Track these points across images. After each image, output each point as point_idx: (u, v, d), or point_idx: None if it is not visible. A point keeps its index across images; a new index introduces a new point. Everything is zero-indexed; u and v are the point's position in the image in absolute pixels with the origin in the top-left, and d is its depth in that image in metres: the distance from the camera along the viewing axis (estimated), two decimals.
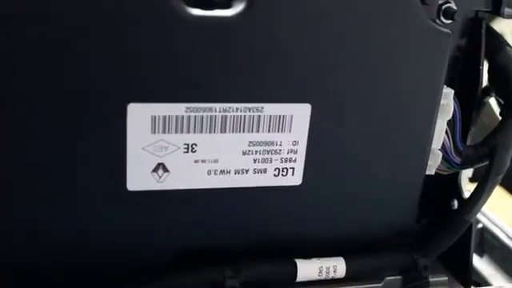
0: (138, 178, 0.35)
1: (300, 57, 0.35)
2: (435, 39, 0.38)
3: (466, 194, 0.44)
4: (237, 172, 0.37)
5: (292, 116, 0.37)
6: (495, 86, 0.44)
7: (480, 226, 0.50)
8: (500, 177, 0.42)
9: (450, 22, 0.40)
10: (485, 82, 0.44)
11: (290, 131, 0.37)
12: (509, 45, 0.43)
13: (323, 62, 0.36)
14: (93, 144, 0.34)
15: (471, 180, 0.46)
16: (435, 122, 0.40)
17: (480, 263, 0.48)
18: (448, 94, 0.40)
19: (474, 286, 0.46)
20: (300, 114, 0.37)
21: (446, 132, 0.42)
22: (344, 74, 0.37)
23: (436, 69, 0.39)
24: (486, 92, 0.44)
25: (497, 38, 0.43)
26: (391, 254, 0.41)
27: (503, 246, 0.47)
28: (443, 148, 0.42)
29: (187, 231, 0.38)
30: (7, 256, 0.35)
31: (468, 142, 0.43)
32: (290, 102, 0.36)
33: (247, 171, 0.37)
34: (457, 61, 0.42)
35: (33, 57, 0.31)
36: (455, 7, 0.40)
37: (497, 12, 0.42)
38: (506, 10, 0.42)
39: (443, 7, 0.40)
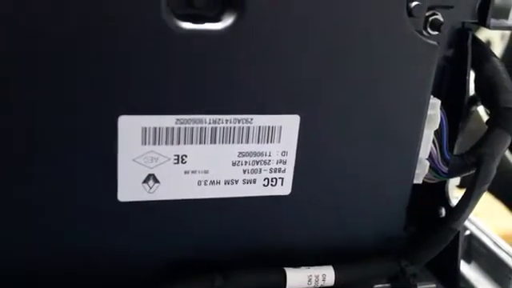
0: (129, 188, 0.36)
1: (288, 69, 0.36)
2: (422, 51, 0.38)
3: (454, 201, 0.45)
4: (227, 182, 0.38)
5: (281, 127, 0.37)
6: (482, 96, 0.44)
7: (467, 232, 0.50)
8: (486, 185, 0.42)
9: (436, 33, 0.41)
10: (472, 91, 0.45)
11: (279, 142, 0.37)
12: (495, 55, 0.44)
13: (312, 74, 0.36)
14: (83, 156, 0.34)
15: (459, 186, 0.47)
16: (422, 132, 0.41)
17: (468, 270, 0.49)
18: (435, 104, 0.41)
19: None
20: (289, 125, 0.37)
21: (433, 141, 0.42)
22: (332, 85, 0.37)
23: (423, 80, 0.39)
24: (473, 101, 0.45)
25: (483, 49, 0.44)
26: (380, 262, 0.42)
27: (490, 252, 0.48)
28: (430, 157, 0.42)
29: (178, 241, 0.38)
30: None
31: (455, 151, 0.44)
32: (279, 113, 0.37)
33: (237, 181, 0.38)
34: (444, 71, 0.42)
35: (21, 68, 0.32)
36: (442, 19, 0.40)
37: (483, 23, 0.43)
38: (492, 22, 0.43)
39: (430, 19, 0.40)
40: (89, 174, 0.35)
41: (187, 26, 0.34)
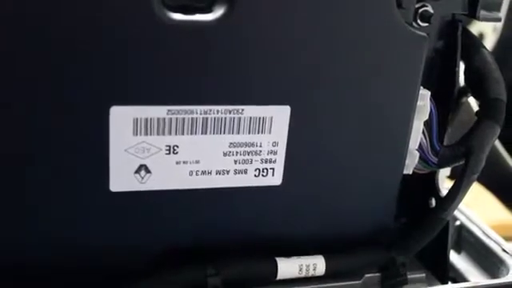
0: (121, 179, 0.36)
1: (279, 60, 0.36)
2: (411, 42, 0.39)
3: (444, 192, 0.45)
4: (218, 173, 0.38)
5: (272, 118, 0.37)
6: (471, 87, 0.45)
7: (458, 223, 0.51)
8: (476, 176, 0.43)
9: (426, 25, 0.41)
10: (461, 82, 0.46)
11: (269, 132, 0.38)
12: (484, 47, 0.44)
13: (302, 66, 0.37)
14: (75, 146, 0.35)
15: (450, 177, 0.47)
16: (412, 123, 0.41)
17: (458, 260, 0.49)
18: (424, 95, 0.41)
19: (451, 281, 0.47)
20: (280, 116, 0.37)
21: (423, 132, 0.42)
22: (322, 76, 0.37)
23: (412, 71, 0.40)
24: (463, 92, 0.45)
25: (473, 40, 0.44)
26: (370, 252, 0.42)
27: (480, 242, 0.48)
28: (420, 148, 0.43)
29: (169, 231, 0.38)
30: None
31: (445, 142, 0.44)
32: (270, 104, 0.37)
33: (228, 172, 0.38)
34: (433, 62, 0.43)
35: (12, 60, 0.32)
36: (432, 10, 0.41)
37: (473, 15, 0.43)
38: (482, 13, 0.43)
39: (420, 10, 0.41)
40: (80, 165, 0.35)
41: (178, 17, 0.34)
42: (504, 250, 0.47)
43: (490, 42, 0.89)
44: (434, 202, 0.46)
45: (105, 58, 0.33)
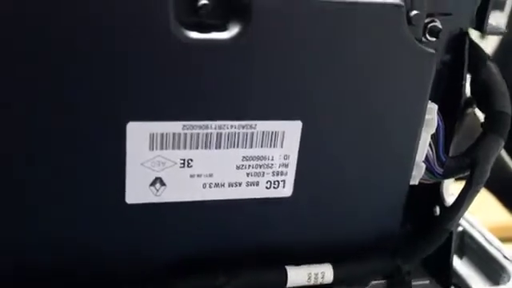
0: (137, 191, 0.37)
1: (292, 77, 0.37)
2: (421, 59, 0.40)
3: (449, 198, 0.46)
4: (230, 185, 0.39)
5: (284, 132, 0.38)
6: (477, 99, 0.46)
7: (460, 229, 0.52)
8: (481, 186, 0.44)
9: (434, 39, 0.42)
10: (467, 93, 0.47)
11: (281, 146, 0.39)
12: (491, 59, 0.45)
13: (313, 82, 0.38)
14: (94, 160, 0.36)
15: (456, 179, 0.48)
16: (420, 136, 0.42)
17: (460, 265, 0.50)
18: (432, 109, 0.42)
19: (454, 287, 0.48)
20: (291, 130, 0.38)
21: (430, 144, 0.44)
22: (333, 92, 0.38)
23: (421, 86, 0.40)
24: (469, 103, 0.46)
25: (480, 53, 0.45)
26: (376, 261, 0.43)
27: (482, 249, 0.50)
28: (427, 160, 0.44)
29: (183, 241, 0.39)
30: (9, 263, 0.37)
31: (451, 151, 0.45)
32: (282, 119, 0.38)
33: (240, 184, 0.39)
34: (441, 75, 0.44)
35: (33, 76, 0.33)
36: (440, 26, 0.42)
37: (480, 29, 0.44)
38: (488, 27, 0.44)
39: (429, 26, 0.42)
40: (98, 178, 0.36)
41: (194, 35, 0.35)
42: (505, 257, 0.48)
43: (490, 46, 0.89)
44: (438, 210, 0.47)
45: (122, 75, 0.34)
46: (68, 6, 0.32)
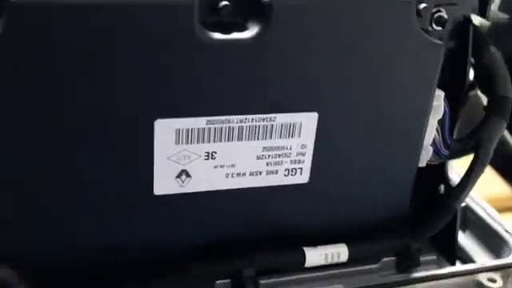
0: (164, 183, 0.39)
1: (308, 72, 0.39)
2: (429, 50, 0.41)
3: (453, 176, 0.49)
4: (252, 174, 0.41)
5: (301, 123, 0.40)
6: (480, 83, 0.48)
7: (463, 204, 0.54)
8: (485, 166, 0.46)
9: (440, 28, 0.44)
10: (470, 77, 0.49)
11: (299, 136, 0.41)
12: (493, 45, 0.47)
13: (329, 76, 0.40)
14: (125, 155, 0.38)
15: None
16: (427, 122, 0.44)
17: (463, 238, 0.53)
18: (439, 96, 0.44)
19: (458, 260, 0.51)
20: (308, 122, 0.40)
21: (436, 129, 0.46)
22: (347, 84, 0.40)
23: (429, 76, 0.42)
24: (471, 87, 0.49)
25: (483, 38, 0.47)
26: (387, 239, 0.46)
27: (484, 223, 0.52)
28: (433, 143, 0.46)
29: (206, 227, 0.42)
30: (37, 254, 0.39)
31: (454, 135, 0.48)
32: (300, 111, 0.40)
33: (261, 173, 0.41)
34: (445, 60, 0.45)
35: (76, 83, 0.35)
36: (446, 16, 0.43)
37: (483, 15, 0.46)
38: (491, 14, 0.46)
39: (435, 16, 0.43)
40: (128, 171, 0.38)
41: (216, 36, 0.36)
42: (507, 231, 0.51)
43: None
44: (443, 188, 0.50)
45: (149, 76, 0.36)
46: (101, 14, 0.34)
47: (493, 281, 0.46)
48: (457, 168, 0.51)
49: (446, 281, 0.46)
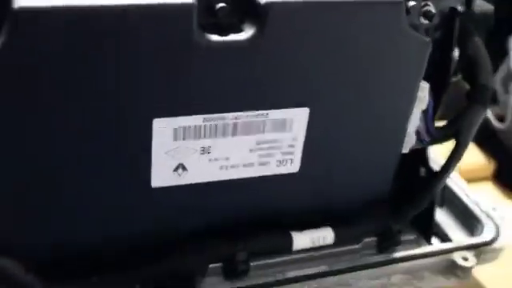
0: (161, 176, 0.41)
1: (301, 70, 0.40)
2: (417, 47, 0.43)
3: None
4: (245, 165, 0.43)
5: (292, 118, 0.42)
6: (463, 71, 0.49)
7: None
8: (465, 151, 0.49)
9: (428, 22, 0.45)
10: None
11: (290, 130, 0.42)
12: (477, 36, 0.48)
13: (321, 73, 0.41)
14: (125, 150, 0.39)
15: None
16: (412, 112, 0.46)
17: (440, 215, 0.56)
18: (424, 88, 0.46)
19: (434, 236, 0.54)
20: (299, 116, 0.42)
21: (420, 117, 0.48)
22: (338, 80, 0.42)
23: (416, 70, 0.44)
24: (454, 73, 0.50)
25: (468, 29, 0.48)
26: (371, 222, 0.49)
27: (460, 201, 0.55)
28: (417, 131, 0.48)
29: (203, 214, 0.44)
30: (40, 246, 0.41)
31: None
32: (292, 107, 0.41)
33: (253, 164, 0.43)
34: (431, 51, 0.47)
35: (72, 88, 0.36)
36: (434, 10, 0.45)
37: (469, 6, 0.47)
38: (477, 5, 0.48)
39: (423, 9, 0.45)
40: (128, 165, 0.40)
41: (214, 38, 0.37)
42: (481, 209, 0.54)
43: None
44: (423, 171, 0.52)
45: (148, 77, 0.37)
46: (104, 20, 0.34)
47: (466, 259, 0.49)
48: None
49: (423, 260, 0.49)
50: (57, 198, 0.39)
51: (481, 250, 0.50)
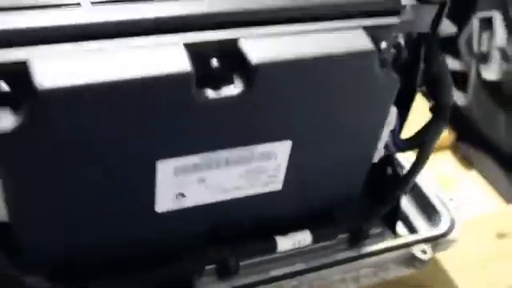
0: (164, 203, 0.47)
1: (286, 113, 0.46)
2: (387, 84, 0.48)
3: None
4: (235, 188, 0.49)
5: (277, 150, 0.48)
6: (427, 87, 0.55)
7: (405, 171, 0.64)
8: (427, 161, 0.55)
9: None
10: None
11: (275, 159, 0.49)
12: (442, 55, 0.54)
13: (303, 114, 0.47)
14: (134, 185, 0.45)
15: None
16: (381, 133, 0.52)
17: (404, 201, 0.63)
18: (393, 112, 0.52)
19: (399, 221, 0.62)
20: (283, 148, 0.48)
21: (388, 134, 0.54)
22: (318, 117, 0.47)
23: (386, 101, 0.50)
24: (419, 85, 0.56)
25: (433, 48, 0.53)
26: (344, 223, 0.56)
27: (422, 193, 0.63)
28: (385, 145, 0.54)
29: (199, 225, 0.50)
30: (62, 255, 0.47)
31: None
32: (277, 140, 0.47)
33: (243, 187, 0.49)
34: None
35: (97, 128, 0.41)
36: (402, 42, 0.49)
37: (433, 32, 0.52)
38: (442, 30, 0.53)
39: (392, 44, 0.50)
40: (137, 196, 0.46)
41: (209, 95, 0.42)
42: (440, 201, 0.62)
43: None
44: (390, 170, 0.59)
45: (154, 130, 0.42)
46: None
47: (424, 252, 0.57)
48: None
49: (388, 254, 0.57)
50: (79, 219, 0.45)
51: (437, 242, 0.58)
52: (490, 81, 0.84)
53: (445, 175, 0.83)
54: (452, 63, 0.95)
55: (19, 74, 0.38)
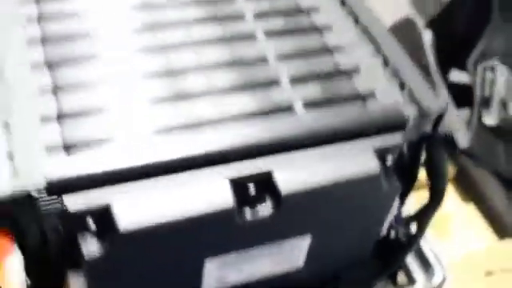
0: (209, 286, 0.59)
1: (307, 220, 0.57)
2: (391, 190, 0.59)
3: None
4: (266, 271, 0.61)
5: (299, 242, 0.59)
6: (427, 172, 0.65)
7: None
8: (424, 234, 0.67)
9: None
10: None
11: (298, 249, 0.60)
12: (443, 146, 0.63)
13: (320, 218, 0.58)
14: (189, 276, 0.57)
15: None
16: (385, 221, 0.64)
17: None
18: (395, 203, 0.63)
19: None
20: (304, 240, 0.59)
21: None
22: (331, 219, 0.59)
23: (388, 203, 0.61)
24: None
25: (434, 140, 0.63)
26: (355, 282, 0.68)
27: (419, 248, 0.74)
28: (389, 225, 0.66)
29: None
30: None
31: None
32: (299, 235, 0.59)
33: (271, 270, 0.61)
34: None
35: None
36: (406, 151, 0.60)
37: (435, 130, 0.62)
38: (441, 129, 0.62)
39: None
40: (190, 283, 0.58)
41: (247, 215, 0.53)
42: (434, 255, 0.73)
43: None
44: (393, 233, 0.70)
45: (205, 241, 0.54)
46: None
47: None
48: None
49: None
50: None
51: None
52: (489, 126, 0.93)
53: (445, 211, 0.93)
54: (459, 76, 1.04)
55: (103, 213, 0.49)
